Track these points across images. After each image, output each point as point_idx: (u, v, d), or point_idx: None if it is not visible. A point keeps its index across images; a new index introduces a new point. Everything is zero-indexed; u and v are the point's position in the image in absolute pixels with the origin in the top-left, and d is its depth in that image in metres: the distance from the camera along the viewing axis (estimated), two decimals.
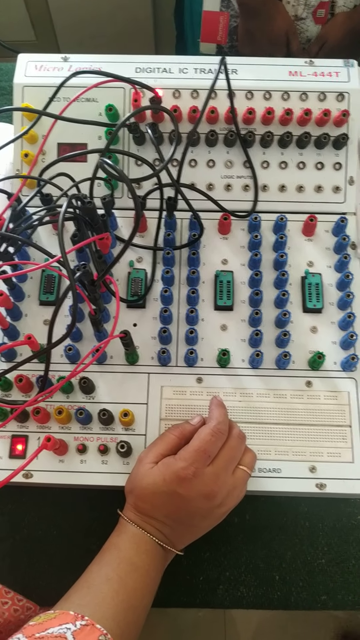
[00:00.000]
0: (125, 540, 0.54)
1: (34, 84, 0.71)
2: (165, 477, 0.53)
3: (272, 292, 0.66)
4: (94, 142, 0.70)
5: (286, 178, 0.70)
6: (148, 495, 0.54)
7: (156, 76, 0.71)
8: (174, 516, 0.54)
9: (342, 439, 0.60)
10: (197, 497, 0.53)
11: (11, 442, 0.61)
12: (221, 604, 0.64)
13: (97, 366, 0.64)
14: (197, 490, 0.53)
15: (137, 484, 0.54)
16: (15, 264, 0.63)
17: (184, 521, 0.55)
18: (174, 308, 0.66)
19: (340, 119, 0.68)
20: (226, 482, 0.55)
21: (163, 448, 0.56)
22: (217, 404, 0.58)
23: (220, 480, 0.54)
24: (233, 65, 0.71)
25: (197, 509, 0.54)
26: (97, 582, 0.51)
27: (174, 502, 0.53)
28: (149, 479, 0.53)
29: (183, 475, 0.52)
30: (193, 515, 0.55)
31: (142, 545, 0.53)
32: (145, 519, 0.54)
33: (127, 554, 0.53)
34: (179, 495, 0.53)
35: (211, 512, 0.55)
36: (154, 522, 0.54)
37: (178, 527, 0.55)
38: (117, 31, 1.76)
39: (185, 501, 0.53)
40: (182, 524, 0.55)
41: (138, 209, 0.52)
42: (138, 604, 0.51)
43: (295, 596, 0.64)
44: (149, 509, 0.54)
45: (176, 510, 0.54)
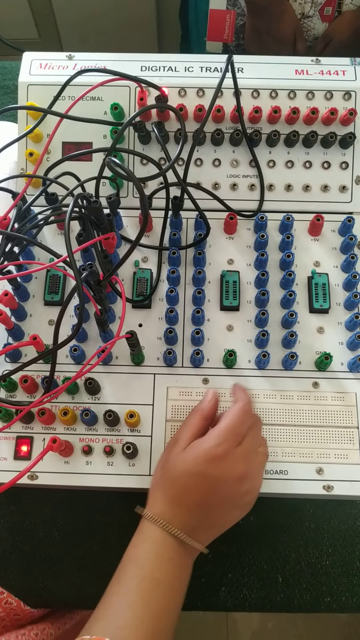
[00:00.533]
0: (145, 551, 0.51)
1: (38, 82, 0.71)
2: (196, 458, 0.52)
3: (279, 293, 0.66)
4: (99, 141, 0.70)
5: (292, 177, 0.70)
6: (179, 478, 0.52)
7: (162, 75, 0.71)
8: (204, 502, 0.52)
9: (350, 440, 0.60)
10: (229, 479, 0.52)
11: (16, 443, 0.61)
12: (223, 606, 0.64)
13: (103, 367, 0.63)
14: (228, 470, 0.51)
15: (168, 469, 0.53)
16: (20, 263, 0.63)
17: (214, 508, 0.53)
18: (180, 308, 0.65)
19: (347, 118, 0.68)
20: (254, 463, 0.54)
21: (190, 432, 0.54)
22: (241, 387, 0.57)
23: (249, 461, 0.53)
24: (239, 63, 0.70)
25: (228, 494, 0.52)
26: (120, 609, 0.48)
27: (205, 484, 0.51)
28: (180, 462, 0.52)
29: (213, 454, 0.51)
30: (223, 502, 0.53)
31: (164, 554, 0.51)
32: (174, 509, 0.52)
33: (149, 568, 0.50)
34: (210, 476, 0.51)
35: (241, 498, 0.53)
36: (182, 512, 0.52)
37: (207, 516, 0.53)
38: (121, 30, 1.75)
39: (216, 483, 0.52)
40: (211, 512, 0.53)
41: (146, 209, 0.51)
42: (164, 626, 0.49)
43: (298, 598, 0.64)
44: (181, 494, 0.52)
45: (207, 494, 0.52)
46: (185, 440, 0.54)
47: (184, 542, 0.52)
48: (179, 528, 0.51)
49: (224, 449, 0.51)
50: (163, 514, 0.52)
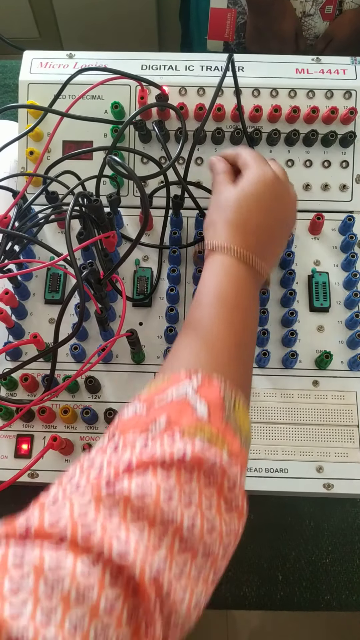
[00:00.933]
0: (221, 279, 0.51)
1: (39, 81, 0.71)
2: (253, 183, 0.54)
3: (279, 291, 0.66)
4: (99, 140, 0.70)
5: (293, 176, 0.69)
6: (240, 204, 0.53)
7: (162, 73, 0.71)
8: (266, 224, 0.54)
9: (350, 439, 0.60)
10: (281, 197, 0.55)
11: (17, 442, 0.61)
12: (224, 604, 0.64)
13: (103, 365, 0.63)
14: (280, 189, 0.55)
15: (226, 201, 0.54)
16: (20, 262, 0.63)
17: (274, 228, 0.55)
18: (180, 307, 0.66)
19: (348, 117, 0.68)
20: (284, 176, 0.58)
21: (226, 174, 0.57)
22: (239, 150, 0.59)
23: (282, 174, 0.58)
24: (240, 62, 0.70)
25: (283, 212, 0.56)
26: (203, 333, 0.48)
27: (265, 205, 0.54)
28: (238, 191, 0.54)
29: (266, 175, 0.54)
30: (281, 220, 0.56)
31: (240, 280, 0.51)
32: (240, 234, 0.52)
33: (227, 294, 0.50)
34: (268, 197, 0.54)
35: (290, 215, 0.57)
36: (248, 237, 0.52)
37: (269, 238, 0.55)
38: (121, 29, 1.75)
39: (273, 203, 0.54)
40: (272, 233, 0.55)
41: (146, 207, 0.51)
42: (248, 340, 0.50)
43: (298, 596, 0.64)
44: (245, 219, 0.53)
45: (268, 214, 0.54)
46: (228, 180, 0.56)
47: (254, 267, 0.52)
48: (244, 251, 0.51)
49: (272, 170, 0.55)
50: (230, 241, 0.52)
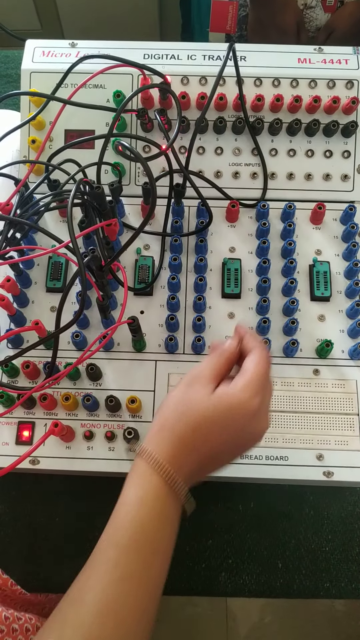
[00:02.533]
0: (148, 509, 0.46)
1: (41, 70, 0.71)
2: (230, 408, 0.47)
3: (280, 280, 0.66)
4: (101, 129, 0.70)
5: (294, 166, 0.70)
6: (203, 424, 0.47)
7: (164, 62, 0.71)
8: (219, 451, 0.48)
9: (350, 427, 0.60)
10: (254, 431, 0.48)
11: (18, 429, 0.61)
12: (223, 592, 0.64)
13: (104, 353, 0.64)
14: (256, 424, 0.48)
15: (191, 411, 0.47)
16: (22, 249, 0.63)
17: (225, 456, 0.50)
18: (182, 295, 0.66)
19: (350, 107, 0.68)
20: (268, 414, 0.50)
21: (215, 374, 0.49)
22: (250, 332, 0.52)
23: (268, 413, 0.50)
24: (242, 52, 0.70)
25: (245, 443, 0.50)
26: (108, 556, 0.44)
27: (229, 434, 0.47)
28: (209, 409, 0.47)
29: (250, 407, 0.47)
30: (236, 450, 0.50)
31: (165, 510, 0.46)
32: (185, 455, 0.47)
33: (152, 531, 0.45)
34: (238, 428, 0.47)
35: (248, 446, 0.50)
36: (193, 459, 0.47)
37: (213, 463, 0.50)
38: (122, 20, 1.75)
39: (240, 434, 0.48)
40: (219, 460, 0.50)
41: (153, 187, 0.52)
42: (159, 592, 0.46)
43: (298, 584, 0.64)
44: (201, 441, 0.47)
45: (227, 444, 0.48)
46: (210, 381, 0.49)
47: (179, 493, 0.47)
48: (183, 479, 0.47)
49: (259, 402, 0.47)
50: (170, 459, 0.47)
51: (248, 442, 0.50)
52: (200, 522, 0.66)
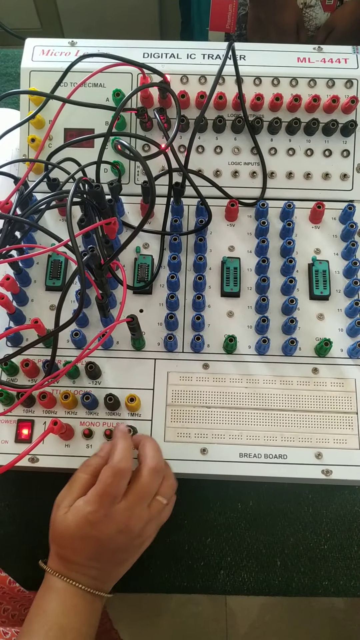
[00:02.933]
0: (51, 600, 0.52)
1: (41, 68, 0.71)
2: (78, 522, 0.52)
3: (279, 279, 0.66)
4: (101, 128, 0.70)
5: (294, 165, 0.70)
6: (66, 541, 0.53)
7: (164, 61, 0.71)
8: (96, 557, 0.53)
9: (349, 425, 0.60)
10: (113, 535, 0.52)
11: (17, 427, 0.61)
12: (222, 590, 0.64)
13: (104, 352, 0.64)
14: (111, 529, 0.52)
15: (54, 531, 0.54)
16: (21, 247, 0.63)
17: (108, 559, 0.54)
18: (181, 294, 0.66)
19: (349, 106, 0.68)
20: (142, 516, 0.54)
21: (76, 491, 0.54)
22: (119, 436, 0.55)
23: (135, 515, 0.53)
24: (241, 51, 0.70)
25: (117, 545, 0.53)
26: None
27: (92, 544, 0.52)
28: (64, 525, 0.52)
29: (93, 519, 0.51)
30: (114, 552, 0.54)
31: (68, 601, 0.52)
32: (69, 566, 0.53)
33: (54, 617, 0.51)
34: (94, 537, 0.52)
35: (131, 544, 0.54)
36: (78, 568, 0.53)
37: (104, 566, 0.54)
38: (122, 20, 1.75)
39: (102, 541, 0.52)
40: (107, 562, 0.54)
41: (152, 187, 0.52)
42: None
43: (296, 582, 0.64)
44: (70, 554, 0.53)
45: (97, 551, 0.53)
46: (72, 500, 0.54)
47: (93, 594, 0.53)
48: (78, 582, 0.52)
49: (102, 513, 0.51)
50: (60, 570, 0.53)
51: (123, 544, 0.53)
52: (199, 520, 0.66)
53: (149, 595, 0.66)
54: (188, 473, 0.60)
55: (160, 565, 0.65)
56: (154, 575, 0.65)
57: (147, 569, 0.65)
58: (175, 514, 0.66)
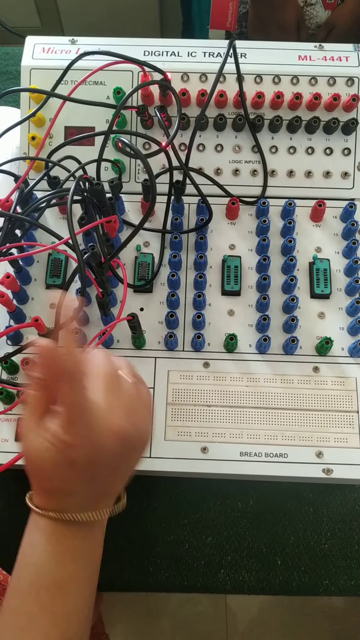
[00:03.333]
0: (43, 548, 0.43)
1: (41, 66, 0.71)
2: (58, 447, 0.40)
3: (280, 278, 0.66)
4: (101, 126, 0.70)
5: (295, 163, 0.70)
6: (49, 472, 0.42)
7: (164, 59, 0.70)
8: (92, 479, 0.43)
9: (350, 424, 0.60)
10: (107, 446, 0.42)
11: (17, 425, 0.61)
12: (223, 589, 0.64)
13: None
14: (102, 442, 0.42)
15: (30, 462, 0.42)
16: (21, 245, 0.63)
17: (108, 474, 0.44)
18: (181, 293, 0.66)
19: (350, 104, 0.68)
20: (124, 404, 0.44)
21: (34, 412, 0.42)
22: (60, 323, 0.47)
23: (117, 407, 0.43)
24: (242, 49, 0.70)
25: (115, 455, 0.43)
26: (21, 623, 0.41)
27: (83, 467, 0.42)
28: (41, 454, 0.41)
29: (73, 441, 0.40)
30: (113, 464, 0.44)
31: (63, 546, 0.43)
32: (60, 497, 0.43)
33: (48, 571, 0.42)
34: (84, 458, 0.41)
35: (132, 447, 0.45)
36: (72, 498, 0.43)
37: (103, 486, 0.44)
38: (123, 18, 1.75)
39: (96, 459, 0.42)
40: (106, 480, 0.44)
41: (153, 185, 0.52)
42: (76, 629, 0.43)
43: (297, 581, 0.64)
44: (60, 485, 0.42)
45: (91, 472, 0.42)
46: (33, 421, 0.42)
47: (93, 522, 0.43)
48: (73, 511, 0.42)
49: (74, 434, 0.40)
50: (48, 504, 0.43)
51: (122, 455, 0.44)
52: (200, 519, 0.66)
53: (148, 594, 0.66)
54: (188, 472, 0.60)
55: (160, 564, 0.65)
56: (154, 574, 0.65)
57: (147, 568, 0.65)
58: (175, 513, 0.66)
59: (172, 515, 0.66)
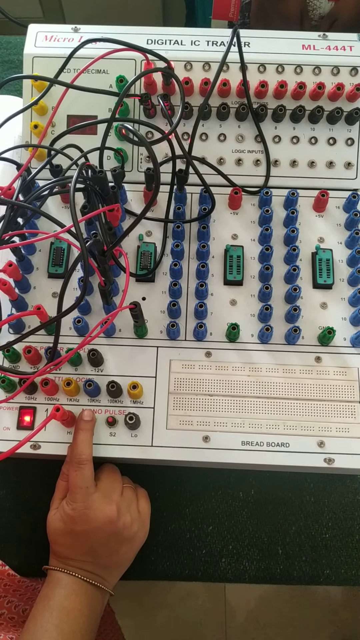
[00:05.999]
0: (53, 588, 0.56)
1: (43, 54, 0.70)
2: (64, 519, 0.56)
3: (282, 268, 0.66)
4: (104, 114, 0.69)
5: (298, 153, 0.69)
6: (57, 538, 0.57)
7: (167, 48, 0.70)
8: (88, 551, 0.56)
9: (351, 414, 0.60)
10: (99, 526, 0.56)
11: (19, 414, 0.61)
12: (224, 578, 0.65)
13: (106, 339, 0.64)
14: (94, 520, 0.55)
15: (48, 530, 0.58)
16: (23, 233, 0.63)
17: (101, 553, 0.57)
18: (184, 282, 0.65)
19: (354, 94, 0.67)
20: (118, 501, 0.57)
21: (59, 495, 0.60)
22: (76, 428, 0.58)
23: (112, 500, 0.57)
24: (246, 38, 0.70)
25: (106, 536, 0.56)
26: (37, 637, 0.53)
27: (80, 538, 0.56)
28: (53, 524, 0.57)
29: (74, 515, 0.55)
30: (106, 544, 0.57)
31: (69, 587, 0.55)
32: (65, 561, 0.57)
33: (57, 600, 0.55)
34: (82, 532, 0.56)
35: (121, 534, 0.57)
36: (74, 562, 0.57)
37: (98, 560, 0.57)
38: (125, 8, 1.74)
39: (89, 534, 0.56)
40: (100, 557, 0.57)
41: (157, 171, 0.51)
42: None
43: (298, 570, 0.64)
44: (64, 551, 0.57)
45: (87, 545, 0.56)
46: (57, 502, 0.59)
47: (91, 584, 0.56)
48: (77, 574, 0.56)
49: (80, 507, 0.55)
50: (59, 566, 0.57)
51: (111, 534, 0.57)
52: (201, 508, 0.66)
53: (149, 583, 0.66)
54: (190, 461, 0.60)
55: (162, 553, 0.65)
56: (155, 563, 0.65)
57: (149, 557, 0.65)
58: (176, 503, 0.66)
59: (174, 504, 0.66)
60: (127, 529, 0.57)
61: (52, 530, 0.58)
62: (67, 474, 0.59)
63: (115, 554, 0.58)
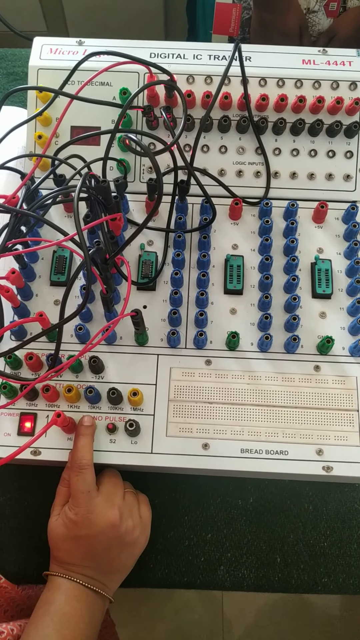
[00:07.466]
0: (54, 593, 0.56)
1: (48, 66, 0.71)
2: (66, 525, 0.56)
3: (282, 278, 0.67)
4: (107, 126, 0.71)
5: (297, 165, 0.70)
6: (59, 544, 0.57)
7: (170, 62, 0.71)
8: (90, 557, 0.57)
9: (350, 422, 0.61)
10: (102, 530, 0.56)
11: (20, 420, 0.62)
12: (222, 586, 0.65)
13: (107, 346, 0.64)
14: (97, 524, 0.56)
15: (49, 536, 0.58)
16: (26, 241, 0.63)
17: (103, 558, 0.57)
18: (184, 291, 0.66)
19: (353, 107, 0.68)
20: (122, 505, 0.58)
21: (60, 501, 0.60)
22: (77, 433, 0.59)
23: (115, 504, 0.57)
24: (247, 52, 0.71)
25: (108, 541, 0.57)
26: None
27: (83, 543, 0.56)
28: (55, 530, 0.57)
29: (77, 519, 0.56)
30: (108, 549, 0.57)
31: (70, 593, 0.56)
32: (66, 566, 0.57)
33: (58, 605, 0.55)
34: (84, 536, 0.56)
35: (123, 539, 0.57)
36: (75, 568, 0.57)
37: (99, 566, 0.57)
38: (128, 23, 1.76)
39: (92, 538, 0.56)
40: (102, 562, 0.57)
41: (160, 181, 0.52)
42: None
43: (296, 579, 0.65)
44: (65, 556, 0.57)
45: (89, 550, 0.56)
46: (59, 508, 0.59)
47: (92, 590, 0.57)
48: (77, 579, 0.56)
49: (83, 512, 0.56)
50: (59, 572, 0.57)
51: (114, 539, 0.57)
52: (200, 516, 0.67)
53: (148, 592, 0.67)
54: (189, 468, 0.60)
55: (160, 560, 0.65)
56: (154, 570, 0.65)
57: (147, 564, 0.65)
58: (175, 510, 0.67)
59: (173, 511, 0.67)
60: (129, 533, 0.58)
61: (53, 536, 0.58)
62: (67, 479, 0.59)
63: (117, 559, 0.58)
